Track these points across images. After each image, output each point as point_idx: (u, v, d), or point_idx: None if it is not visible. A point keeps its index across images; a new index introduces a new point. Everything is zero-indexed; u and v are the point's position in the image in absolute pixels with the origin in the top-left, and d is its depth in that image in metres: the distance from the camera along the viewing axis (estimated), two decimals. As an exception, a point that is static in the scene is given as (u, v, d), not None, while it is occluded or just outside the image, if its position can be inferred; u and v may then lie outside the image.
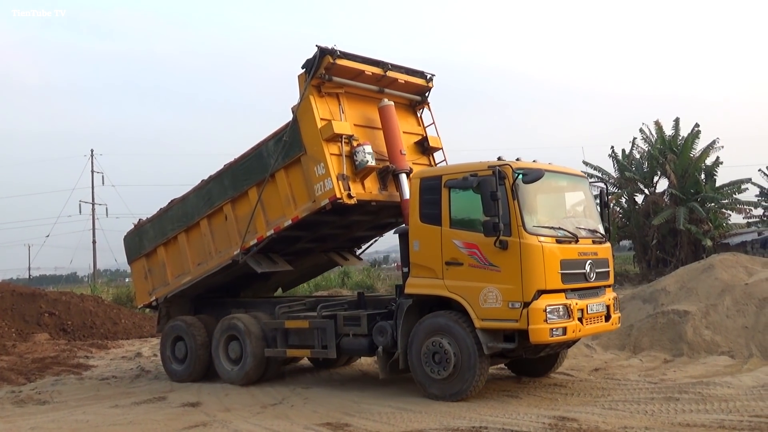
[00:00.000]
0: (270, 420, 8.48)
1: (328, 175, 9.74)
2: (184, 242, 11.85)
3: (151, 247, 12.41)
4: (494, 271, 8.47)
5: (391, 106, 10.46)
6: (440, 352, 8.73)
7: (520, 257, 8.30)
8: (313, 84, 9.99)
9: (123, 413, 9.32)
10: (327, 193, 9.77)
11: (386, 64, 10.58)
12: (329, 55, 9.87)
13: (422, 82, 11.27)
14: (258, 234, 10.73)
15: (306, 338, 10.42)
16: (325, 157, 9.77)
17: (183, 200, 11.96)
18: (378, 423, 7.97)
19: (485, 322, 8.50)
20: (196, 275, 11.64)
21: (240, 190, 10.94)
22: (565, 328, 8.38)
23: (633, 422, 7.27)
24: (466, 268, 8.70)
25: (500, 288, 8.40)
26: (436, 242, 8.95)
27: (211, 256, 11.42)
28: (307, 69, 10.05)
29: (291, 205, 10.34)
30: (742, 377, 9.39)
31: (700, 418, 7.35)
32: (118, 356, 16.10)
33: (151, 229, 12.50)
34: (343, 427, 7.87)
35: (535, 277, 8.29)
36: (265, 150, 10.60)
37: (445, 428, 7.52)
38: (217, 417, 8.78)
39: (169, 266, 12.14)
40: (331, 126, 9.84)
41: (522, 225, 8.33)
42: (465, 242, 8.72)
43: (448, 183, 8.92)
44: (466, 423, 7.67)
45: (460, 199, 8.90)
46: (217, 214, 11.35)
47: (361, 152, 9.95)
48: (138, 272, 12.85)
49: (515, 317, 8.30)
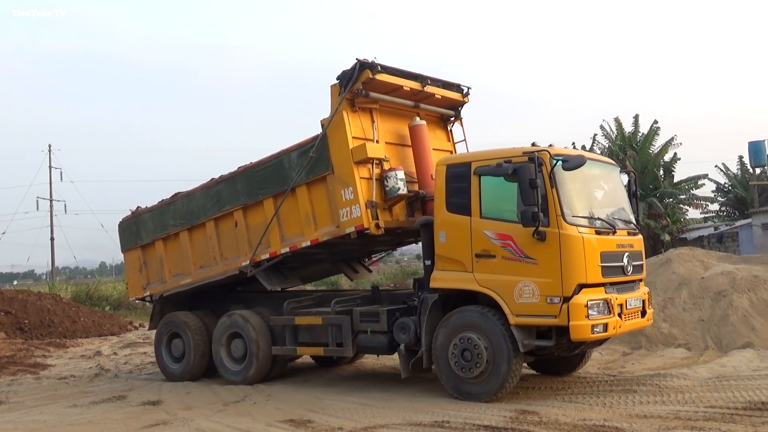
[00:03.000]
0: (232, 417, 8.41)
1: (357, 202, 9.05)
2: (186, 241, 11.25)
3: (148, 240, 11.80)
4: (531, 263, 7.93)
5: (423, 126, 9.74)
6: (471, 349, 8.22)
7: (559, 249, 7.78)
8: (347, 98, 9.23)
9: (81, 413, 9.16)
10: (353, 221, 9.11)
11: (425, 78, 9.86)
12: (369, 70, 9.12)
13: (458, 97, 10.52)
14: (272, 249, 10.12)
15: (318, 335, 9.84)
16: (355, 182, 9.05)
17: (188, 196, 11.28)
18: (341, 419, 7.96)
19: (520, 318, 7.98)
20: (198, 279, 11.08)
21: (254, 198, 10.27)
22: (606, 325, 7.88)
23: (592, 414, 7.39)
24: (498, 260, 8.16)
25: (537, 282, 7.88)
26: (464, 233, 8.40)
27: (216, 262, 10.83)
28: (342, 82, 9.27)
29: (311, 225, 9.70)
30: (698, 369, 9.61)
31: (656, 409, 7.50)
32: (76, 355, 15.82)
33: (150, 220, 11.80)
34: (306, 424, 7.85)
35: (576, 271, 7.77)
36: (287, 161, 9.85)
37: (408, 423, 7.55)
38: (178, 415, 8.68)
39: (168, 263, 11.56)
40: (365, 149, 9.09)
41: (561, 215, 7.82)
42: (498, 233, 8.18)
43: (478, 170, 8.34)
44: (429, 417, 7.70)
45: (492, 187, 8.31)
46: (225, 219, 10.70)
47: (393, 178, 9.17)
48: (132, 263, 12.18)
49: (554, 313, 7.78)
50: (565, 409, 7.71)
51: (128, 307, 26.90)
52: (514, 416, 7.56)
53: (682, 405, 7.61)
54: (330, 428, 7.57)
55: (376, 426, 7.51)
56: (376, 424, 7.57)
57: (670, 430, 6.64)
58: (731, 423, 6.76)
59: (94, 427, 8.27)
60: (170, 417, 8.61)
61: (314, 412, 8.42)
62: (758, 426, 6.60)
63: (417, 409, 8.16)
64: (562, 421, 7.22)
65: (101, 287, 30.67)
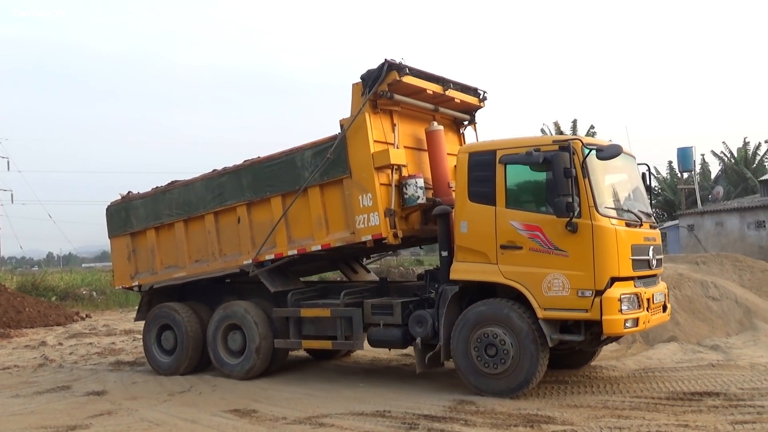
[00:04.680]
0: (177, 407, 8.28)
1: (376, 209, 8.46)
2: (182, 233, 10.48)
3: (139, 227, 10.99)
4: (561, 256, 7.46)
5: (441, 131, 9.18)
6: (496, 344, 7.72)
7: (592, 241, 7.33)
8: (370, 99, 8.61)
9: (24, 403, 8.89)
10: (371, 229, 8.53)
11: (448, 82, 9.33)
12: (396, 71, 8.54)
13: (474, 101, 9.96)
14: (277, 250, 9.45)
15: (325, 328, 9.22)
16: (375, 188, 8.46)
17: (187, 186, 10.51)
18: (285, 409, 7.92)
19: (548, 311, 7.52)
20: (193, 273, 10.36)
21: (261, 196, 9.57)
22: (637, 319, 7.50)
23: (526, 404, 7.51)
24: (525, 252, 7.66)
25: (568, 275, 7.42)
26: (488, 224, 7.86)
27: (214, 258, 10.12)
28: (366, 82, 8.64)
29: (322, 229, 9.06)
30: (626, 361, 9.89)
31: (586, 399, 7.69)
32: (20, 345, 15.31)
33: (141, 207, 10.98)
34: (250, 414, 7.78)
35: (609, 264, 7.35)
36: (300, 159, 9.18)
37: (351, 413, 7.55)
38: (122, 405, 8.50)
39: (160, 254, 10.81)
40: (388, 155, 8.51)
41: (594, 206, 7.38)
42: (525, 224, 7.66)
43: (504, 158, 7.80)
44: (371, 407, 7.72)
45: (519, 176, 7.84)
46: (227, 213, 9.98)
47: (413, 186, 8.58)
48: (119, 250, 11.34)
49: (585, 307, 7.35)
50: (501, 398, 7.81)
51: (75, 298, 26.17)
52: (453, 406, 7.64)
53: (610, 395, 7.80)
54: (274, 418, 7.52)
55: (320, 416, 7.49)
56: (319, 414, 7.55)
57: (598, 418, 6.80)
58: (655, 412, 6.97)
59: (37, 417, 8.03)
60: (115, 407, 8.43)
61: (259, 402, 8.35)
62: (679, 414, 6.82)
63: (359, 399, 8.17)
64: (498, 410, 7.33)
65: (47, 277, 29.75)
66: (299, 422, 7.28)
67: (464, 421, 6.98)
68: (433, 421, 7.03)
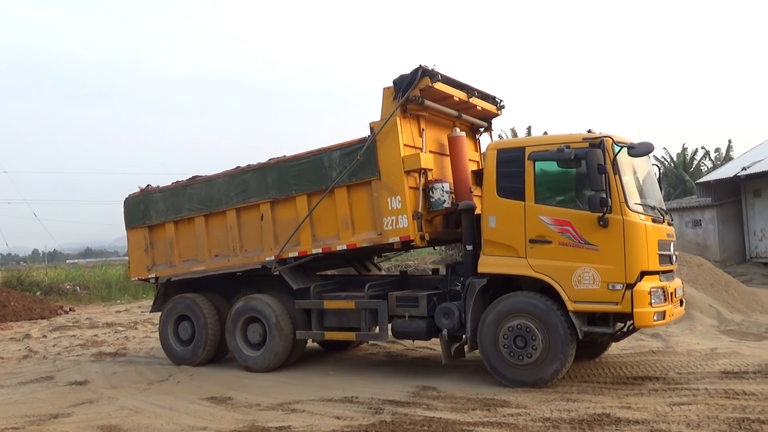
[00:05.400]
0: (156, 396, 8.16)
1: (404, 212, 8.19)
2: (202, 227, 10.01)
3: (158, 221, 10.47)
4: (591, 250, 7.27)
5: (463, 137, 8.95)
6: (525, 335, 7.46)
7: (623, 236, 7.16)
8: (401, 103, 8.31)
9: (8, 393, 8.68)
10: (399, 231, 8.26)
11: (473, 90, 9.06)
12: (429, 77, 8.25)
13: (493, 109, 9.67)
14: (301, 248, 9.07)
15: (348, 320, 8.87)
16: (404, 191, 8.19)
17: (209, 182, 10.02)
18: (259, 396, 7.86)
19: (578, 304, 7.31)
20: (213, 267, 9.90)
21: (286, 194, 9.16)
22: (663, 312, 7.34)
23: (484, 389, 7.56)
24: (555, 246, 7.45)
25: (598, 268, 7.22)
26: (517, 218, 7.64)
27: (235, 253, 9.68)
28: (399, 87, 8.33)
29: (348, 229, 8.72)
30: (575, 349, 10.01)
31: (539, 384, 7.76)
32: (5, 338, 14.92)
33: (161, 201, 10.46)
34: (226, 401, 7.70)
35: (640, 258, 7.19)
36: (327, 159, 8.81)
37: (321, 399, 7.52)
38: (104, 394, 8.35)
39: (178, 247, 10.30)
40: (418, 159, 8.26)
41: (625, 202, 7.23)
42: (555, 219, 7.46)
43: (533, 155, 7.59)
44: (340, 394, 7.70)
45: (548, 172, 7.65)
46: (249, 210, 9.54)
47: (440, 190, 8.33)
48: (136, 242, 10.80)
49: (616, 300, 7.15)
50: (461, 385, 7.87)
51: (59, 292, 25.63)
52: (416, 391, 7.67)
53: (560, 380, 7.86)
54: (248, 404, 7.46)
55: (291, 402, 7.45)
56: (291, 400, 7.51)
57: (549, 402, 6.89)
58: (600, 395, 7.08)
59: (20, 406, 7.85)
60: (96, 396, 8.27)
61: (234, 390, 8.27)
62: (623, 397, 6.94)
63: (329, 386, 8.15)
64: (458, 395, 7.37)
65: (33, 273, 29.08)
66: (272, 408, 7.23)
67: (426, 406, 7.01)
68: (398, 406, 7.05)
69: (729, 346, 9.48)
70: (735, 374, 7.79)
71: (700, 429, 5.66)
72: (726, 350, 9.23)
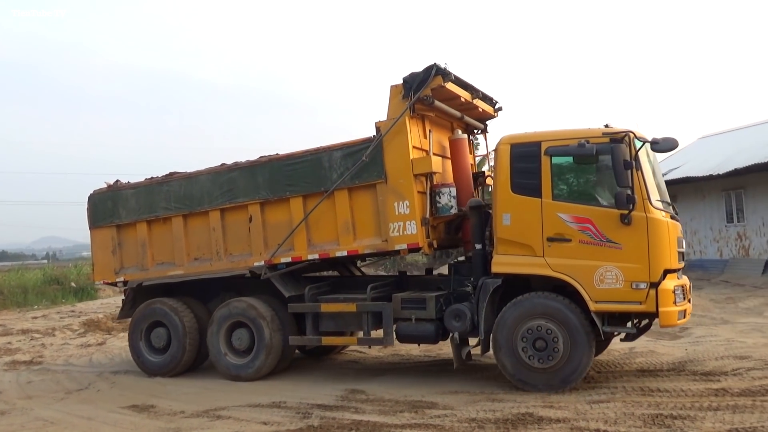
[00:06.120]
0: (74, 405, 7.83)
1: (413, 218, 7.76)
2: (180, 228, 9.27)
3: (129, 220, 9.67)
4: (613, 248, 6.99)
5: (465, 139, 8.73)
6: (545, 338, 7.14)
7: (647, 233, 6.92)
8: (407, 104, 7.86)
9: None
10: (407, 238, 7.82)
11: (477, 91, 8.75)
12: (442, 76, 7.85)
13: (490, 110, 9.34)
14: (295, 253, 8.51)
15: (347, 323, 8.47)
16: (413, 196, 7.77)
17: (189, 179, 9.31)
18: (183, 403, 7.65)
19: (600, 304, 7.04)
20: (192, 272, 9.20)
21: (278, 195, 8.58)
22: (684, 311, 7.17)
23: (412, 391, 7.60)
24: (575, 244, 7.14)
25: (621, 267, 6.95)
26: (534, 216, 7.29)
27: (219, 257, 9.02)
28: (410, 85, 7.88)
29: (349, 235, 8.21)
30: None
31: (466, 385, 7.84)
32: None
33: (133, 198, 9.65)
34: (148, 409, 7.46)
35: (664, 256, 6.98)
36: (327, 159, 8.28)
37: (248, 405, 7.39)
38: (17, 405, 7.93)
39: (152, 249, 9.55)
40: (429, 163, 7.87)
41: (647, 198, 6.99)
42: (575, 216, 7.14)
43: (550, 150, 7.25)
44: (268, 399, 7.59)
45: (566, 168, 7.35)
46: (236, 211, 8.91)
47: (447, 195, 7.99)
48: (102, 242, 9.94)
49: (640, 299, 6.91)
50: (390, 388, 7.89)
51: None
52: (344, 395, 7.64)
53: (487, 381, 8.02)
54: (172, 412, 7.25)
55: (218, 408, 7.29)
56: (217, 407, 7.34)
57: (476, 402, 7.00)
58: (525, 395, 7.20)
59: None
60: (8, 407, 7.86)
61: (158, 397, 8.03)
62: (545, 396, 7.08)
63: (256, 391, 8.02)
64: (387, 398, 7.39)
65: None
66: (197, 415, 7.05)
67: (355, 409, 6.99)
68: (326, 410, 7.00)
69: (646, 345, 9.86)
70: (650, 372, 8.12)
71: (617, 425, 5.87)
72: (643, 349, 9.60)
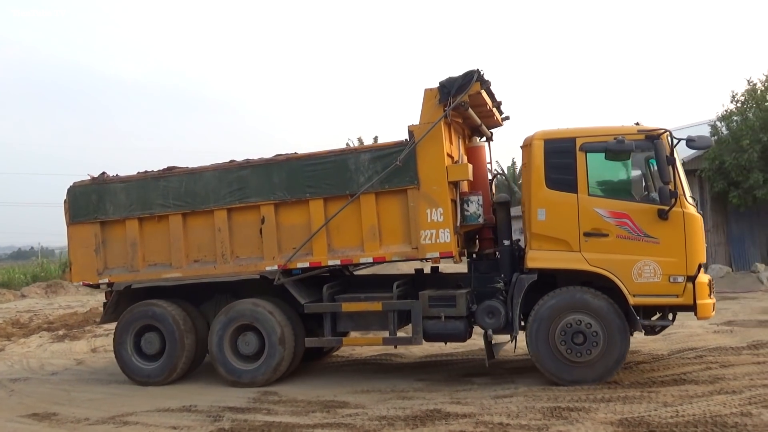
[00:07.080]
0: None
1: (447, 226, 7.54)
2: (179, 228, 8.64)
3: (117, 216, 8.91)
4: (651, 242, 7.12)
5: (484, 146, 8.68)
6: (584, 331, 7.18)
7: (684, 228, 7.09)
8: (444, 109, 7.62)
9: None
10: (440, 247, 7.59)
11: (496, 99, 8.69)
12: (480, 83, 7.70)
13: (499, 119, 9.20)
14: (314, 258, 8.09)
15: (369, 323, 8.12)
16: (447, 203, 7.57)
17: (193, 175, 8.66)
18: (88, 410, 7.40)
19: (639, 298, 7.16)
20: (192, 275, 8.59)
21: (297, 196, 8.13)
22: (714, 304, 7.37)
23: (324, 392, 7.68)
24: (612, 239, 7.21)
25: (659, 261, 7.09)
26: (570, 211, 7.33)
27: (224, 259, 8.46)
28: (448, 90, 7.63)
29: (375, 241, 7.86)
30: (413, 349, 10.40)
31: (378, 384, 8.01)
32: None
33: (123, 193, 8.90)
34: (50, 417, 7.16)
35: (699, 250, 7.19)
36: (353, 161, 7.93)
37: (157, 409, 7.24)
38: None
39: (143, 249, 8.85)
40: (466, 170, 7.75)
41: (683, 194, 7.17)
42: (612, 211, 7.24)
43: (585, 146, 7.32)
44: (177, 403, 7.46)
45: (601, 164, 7.33)
46: (246, 211, 8.38)
47: (475, 203, 7.81)
48: (83, 240, 9.09)
49: (677, 292, 7.08)
50: (302, 388, 7.93)
51: None
52: (257, 397, 7.62)
53: (398, 379, 8.21)
54: (76, 420, 7.00)
55: (124, 414, 7.10)
56: (124, 413, 7.15)
57: (387, 401, 7.15)
58: (434, 392, 7.46)
59: None
60: None
61: (60, 405, 7.73)
62: (453, 393, 7.36)
63: (165, 395, 7.87)
64: (299, 399, 7.43)
65: None
66: (102, 422, 6.84)
67: (267, 411, 7.00)
68: (238, 413, 6.97)
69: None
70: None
71: (518, 419, 6.16)
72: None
